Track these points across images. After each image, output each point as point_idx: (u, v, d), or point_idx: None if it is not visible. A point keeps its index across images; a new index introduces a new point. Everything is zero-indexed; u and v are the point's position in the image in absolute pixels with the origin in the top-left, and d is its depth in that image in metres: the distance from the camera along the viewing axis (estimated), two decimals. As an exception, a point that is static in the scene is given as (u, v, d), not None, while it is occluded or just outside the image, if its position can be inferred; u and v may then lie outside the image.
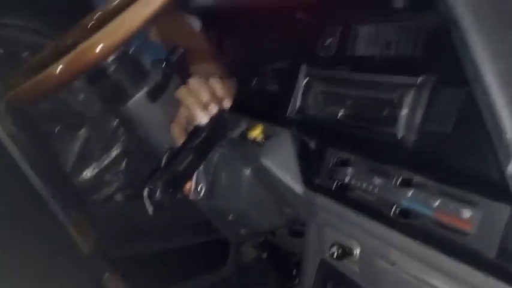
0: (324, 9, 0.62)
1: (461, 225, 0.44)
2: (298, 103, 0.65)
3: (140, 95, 0.69)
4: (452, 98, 0.43)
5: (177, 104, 0.71)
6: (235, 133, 0.75)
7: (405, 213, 0.50)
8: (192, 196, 0.76)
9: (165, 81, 0.70)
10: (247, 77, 0.76)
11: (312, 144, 0.64)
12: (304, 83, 0.64)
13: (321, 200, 0.61)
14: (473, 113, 0.41)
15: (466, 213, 0.44)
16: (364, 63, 0.56)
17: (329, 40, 0.61)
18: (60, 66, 0.55)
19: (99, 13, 0.79)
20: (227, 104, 0.71)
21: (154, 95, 0.69)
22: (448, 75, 0.45)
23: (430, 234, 0.47)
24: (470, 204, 0.43)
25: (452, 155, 0.43)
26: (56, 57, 0.78)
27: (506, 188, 0.39)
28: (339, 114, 0.58)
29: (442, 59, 0.46)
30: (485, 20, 0.39)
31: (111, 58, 0.68)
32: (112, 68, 0.70)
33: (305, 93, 0.64)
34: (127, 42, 0.57)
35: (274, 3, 0.66)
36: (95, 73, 0.69)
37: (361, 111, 0.55)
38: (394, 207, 0.50)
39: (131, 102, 0.69)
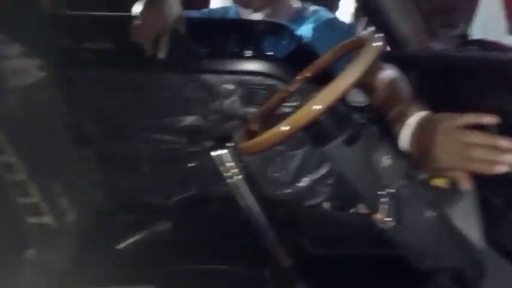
0: None
1: None
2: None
3: (338, 141, 0.77)
4: None
5: (370, 149, 0.77)
6: (422, 176, 0.77)
7: None
8: (381, 225, 0.82)
9: (361, 131, 0.77)
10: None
11: (496, 202, 0.61)
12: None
13: (498, 259, 0.59)
14: None
15: None
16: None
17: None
18: (287, 126, 0.66)
19: (313, 66, 0.92)
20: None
21: (350, 141, 0.77)
22: None
23: None
24: None
25: None
26: (280, 103, 0.94)
27: None
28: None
29: None
30: None
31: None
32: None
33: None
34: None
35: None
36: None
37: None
38: None
39: (330, 146, 0.78)
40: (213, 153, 0.76)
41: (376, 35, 0.70)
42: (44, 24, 1.13)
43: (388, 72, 0.88)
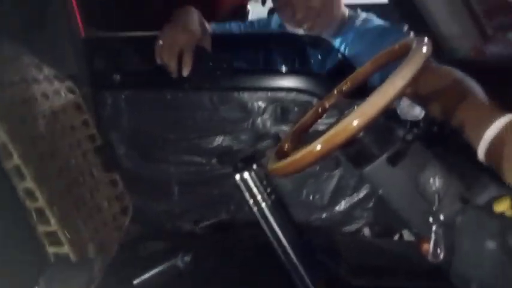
0: None
1: None
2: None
3: (381, 160, 0.67)
4: None
5: (418, 169, 0.66)
6: (482, 200, 0.65)
7: None
8: (430, 258, 0.70)
9: (407, 147, 0.67)
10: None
11: None
12: None
13: None
14: None
15: None
16: None
17: None
18: (321, 145, 0.57)
19: (351, 78, 0.83)
20: None
21: (394, 160, 0.67)
22: None
23: None
24: None
25: None
26: (315, 120, 0.85)
27: None
28: None
29: None
30: None
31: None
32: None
33: None
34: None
35: None
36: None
37: None
38: None
39: (371, 167, 0.68)
40: (236, 176, 0.67)
41: (423, 38, 0.60)
42: (75, 47, 1.12)
43: (449, 74, 0.72)
